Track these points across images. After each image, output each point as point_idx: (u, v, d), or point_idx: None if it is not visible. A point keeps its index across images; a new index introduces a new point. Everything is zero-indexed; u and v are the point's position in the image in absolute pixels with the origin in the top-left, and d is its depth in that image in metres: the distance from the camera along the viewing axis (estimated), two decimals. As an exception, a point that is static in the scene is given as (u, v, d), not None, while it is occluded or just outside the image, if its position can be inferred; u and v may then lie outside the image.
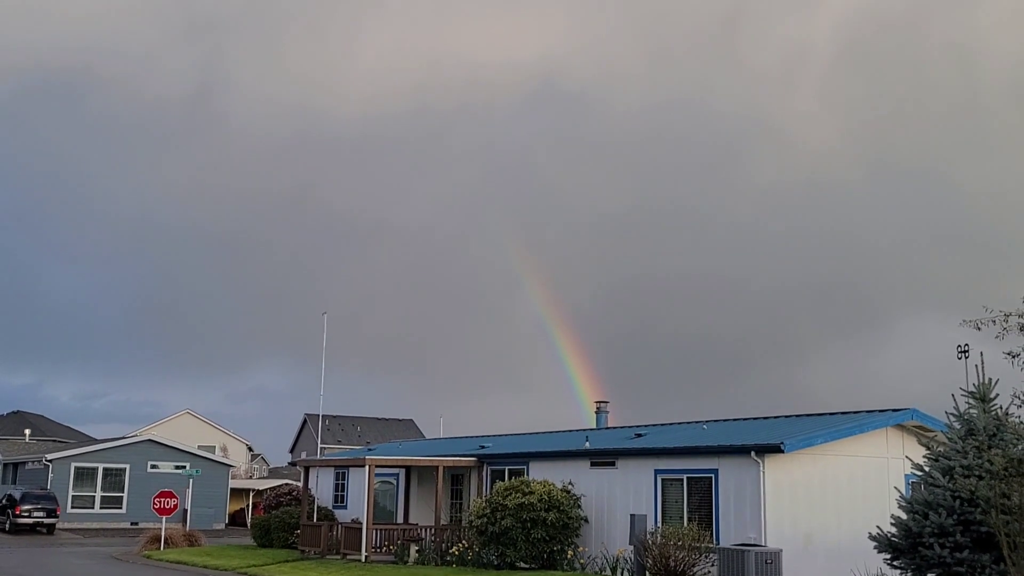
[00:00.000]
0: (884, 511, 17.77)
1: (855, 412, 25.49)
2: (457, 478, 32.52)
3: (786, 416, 27.21)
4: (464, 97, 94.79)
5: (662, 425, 30.92)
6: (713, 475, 23.32)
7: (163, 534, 34.49)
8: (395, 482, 35.04)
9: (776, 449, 21.81)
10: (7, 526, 43.05)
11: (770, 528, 21.78)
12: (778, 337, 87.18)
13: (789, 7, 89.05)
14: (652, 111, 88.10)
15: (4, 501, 44.75)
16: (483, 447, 32.87)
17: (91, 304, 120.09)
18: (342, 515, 34.64)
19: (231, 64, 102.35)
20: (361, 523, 28.81)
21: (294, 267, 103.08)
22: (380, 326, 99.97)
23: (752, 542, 21.32)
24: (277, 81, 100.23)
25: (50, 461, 47.66)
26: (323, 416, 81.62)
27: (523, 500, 25.50)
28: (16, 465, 53.80)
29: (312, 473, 36.08)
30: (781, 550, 20.31)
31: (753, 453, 22.19)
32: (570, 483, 26.80)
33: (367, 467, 29.15)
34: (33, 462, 50.43)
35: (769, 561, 19.98)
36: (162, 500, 34.53)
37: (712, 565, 21.39)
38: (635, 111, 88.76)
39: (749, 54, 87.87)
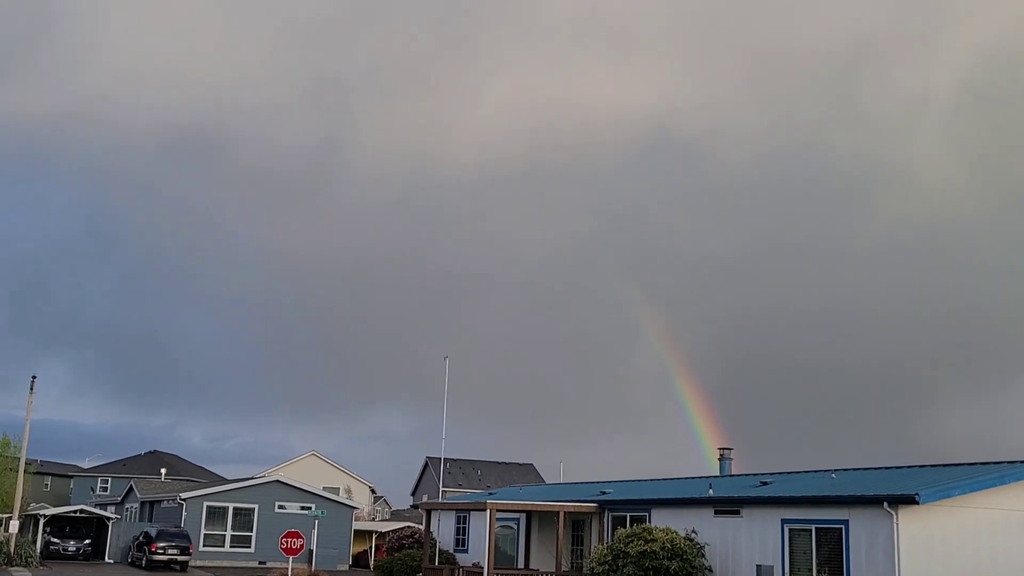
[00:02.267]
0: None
1: (995, 463, 24.35)
2: (578, 524, 32.30)
3: (919, 466, 26.18)
4: (577, 149, 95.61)
5: (788, 473, 30.12)
6: (843, 526, 22.57)
7: (290, 573, 35.15)
8: (516, 527, 35.00)
9: (910, 500, 20.98)
10: (143, 562, 44.61)
11: (905, 582, 20.91)
12: (906, 380, 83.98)
13: (906, 54, 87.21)
14: (769, 157, 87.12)
15: (140, 538, 46.46)
16: (604, 493, 32.59)
17: (223, 350, 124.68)
18: (463, 559, 34.77)
19: (354, 120, 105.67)
20: (482, 567, 28.87)
21: (415, 314, 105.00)
22: (499, 371, 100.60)
23: (886, 597, 20.53)
24: (397, 137, 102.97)
25: (184, 500, 49.25)
26: (446, 460, 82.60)
27: (645, 548, 25.17)
28: (152, 503, 55.86)
29: (433, 516, 36.37)
30: (917, 606, 19.50)
31: (886, 504, 21.40)
32: (693, 531, 26.32)
33: (488, 511, 29.24)
34: (168, 501, 52.24)
35: (905, 618, 19.20)
36: (289, 540, 35.16)
37: (844, 620, 20.66)
38: (752, 158, 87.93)
39: (868, 101, 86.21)
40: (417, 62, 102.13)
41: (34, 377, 45.80)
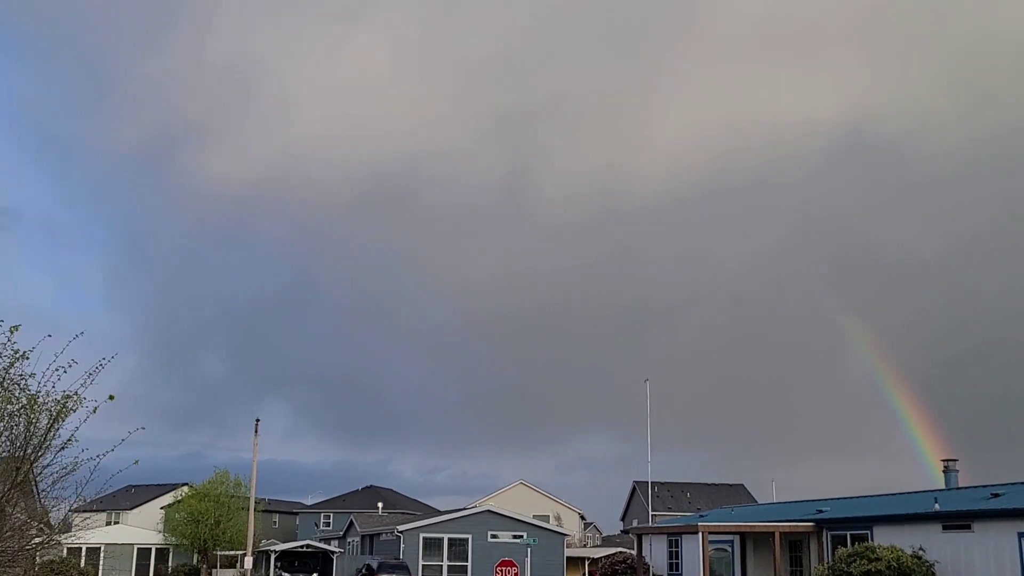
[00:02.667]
0: None
1: None
2: (795, 544, 31.25)
3: None
4: (766, 163, 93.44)
5: (1023, 484, 28.09)
6: (1090, 538, 20.86)
7: (507, 601, 35.69)
8: (730, 549, 34.23)
9: None
10: (368, 593, 46.35)
11: None
12: None
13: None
14: (968, 148, 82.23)
15: (363, 570, 48.30)
16: (820, 511, 31.42)
17: (429, 384, 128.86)
18: (678, 583, 34.28)
19: (538, 153, 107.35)
20: (698, 592, 28.38)
21: (615, 337, 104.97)
22: (703, 391, 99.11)
23: None
24: (580, 165, 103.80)
25: (401, 532, 50.85)
26: (654, 483, 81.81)
27: (869, 567, 24.10)
28: (372, 536, 58.00)
29: (645, 541, 36.08)
30: None
31: None
32: (920, 548, 24.96)
33: (700, 534, 28.75)
34: (387, 533, 54.09)
35: None
36: (504, 569, 35.78)
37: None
38: (949, 151, 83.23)
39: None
40: (601, 86, 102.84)
41: (258, 420, 48.58)
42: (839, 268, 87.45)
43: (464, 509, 56.77)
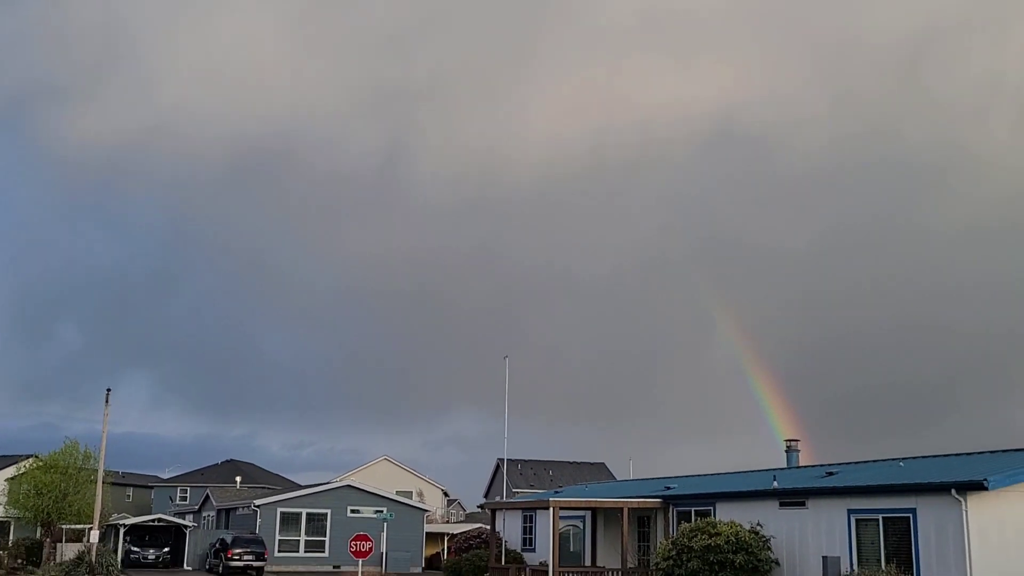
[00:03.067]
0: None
1: (1070, 446, 23.54)
2: (643, 520, 32.06)
3: (990, 452, 25.42)
4: (641, 148, 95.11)
5: (855, 463, 29.49)
6: (911, 515, 22.01)
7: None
8: (582, 525, 34.88)
9: (979, 487, 20.37)
10: (220, 569, 45.42)
11: (976, 571, 20.30)
12: (986, 372, 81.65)
13: (975, 38, 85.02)
14: (838, 145, 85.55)
15: (217, 545, 47.33)
16: (668, 488, 32.31)
17: (299, 359, 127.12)
18: (530, 558, 34.75)
19: (415, 130, 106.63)
20: (548, 565, 28.80)
21: (487, 317, 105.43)
22: (571, 371, 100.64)
23: (957, 586, 19.98)
24: (458, 145, 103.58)
25: (258, 507, 50.03)
26: (517, 461, 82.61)
27: (709, 542, 24.87)
28: (228, 511, 56.88)
29: (500, 516, 36.41)
30: (989, 596, 18.96)
31: (954, 491, 20.80)
32: (758, 524, 25.91)
33: (551, 509, 29.17)
34: (243, 508, 53.14)
35: (976, 607, 18.67)
36: (358, 543, 35.49)
37: (913, 611, 20.16)
38: (820, 147, 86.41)
39: (938, 84, 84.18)
40: (480, 66, 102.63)
41: (108, 390, 46.84)
42: (708, 255, 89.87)
43: (323, 484, 56.18)
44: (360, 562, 35.81)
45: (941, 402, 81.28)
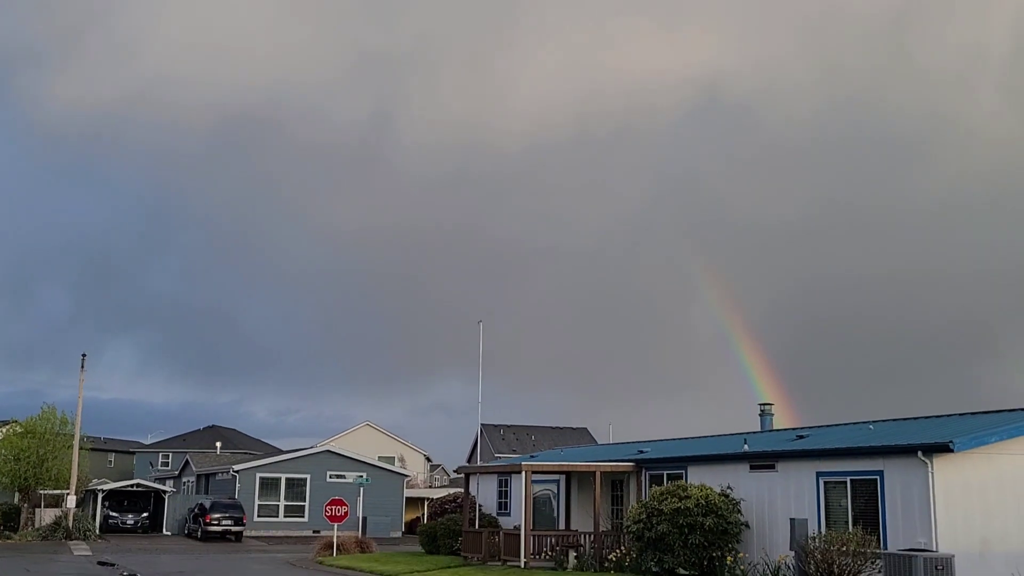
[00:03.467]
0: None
1: (1035, 408, 23.63)
2: (617, 484, 32.13)
3: (959, 414, 25.49)
4: (625, 118, 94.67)
5: (825, 427, 29.58)
6: (878, 477, 22.06)
7: (335, 541, 35.61)
8: (556, 489, 34.97)
9: (945, 448, 20.41)
10: (199, 534, 45.54)
11: (941, 532, 20.39)
12: (966, 336, 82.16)
13: (959, 7, 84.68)
14: (823, 114, 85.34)
15: (196, 510, 47.43)
16: (641, 452, 32.38)
17: (286, 325, 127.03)
18: (506, 522, 34.85)
19: (400, 99, 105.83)
20: (521, 529, 28.87)
21: (472, 285, 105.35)
22: (556, 338, 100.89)
23: (922, 547, 20.05)
24: (441, 114, 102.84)
25: (237, 472, 50.10)
26: (500, 426, 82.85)
27: (679, 505, 24.89)
28: (208, 476, 56.93)
29: (475, 480, 36.46)
30: (953, 556, 19.05)
31: (920, 453, 20.81)
32: (728, 487, 25.95)
33: (524, 473, 29.18)
34: (222, 473, 53.19)
35: (940, 567, 18.74)
36: (333, 508, 35.56)
37: (879, 571, 20.23)
38: (805, 117, 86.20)
39: (922, 54, 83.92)
40: (463, 33, 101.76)
41: (84, 355, 46.79)
42: (693, 223, 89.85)
43: (303, 449, 56.23)
44: (336, 526, 35.86)
45: (916, 366, 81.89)
